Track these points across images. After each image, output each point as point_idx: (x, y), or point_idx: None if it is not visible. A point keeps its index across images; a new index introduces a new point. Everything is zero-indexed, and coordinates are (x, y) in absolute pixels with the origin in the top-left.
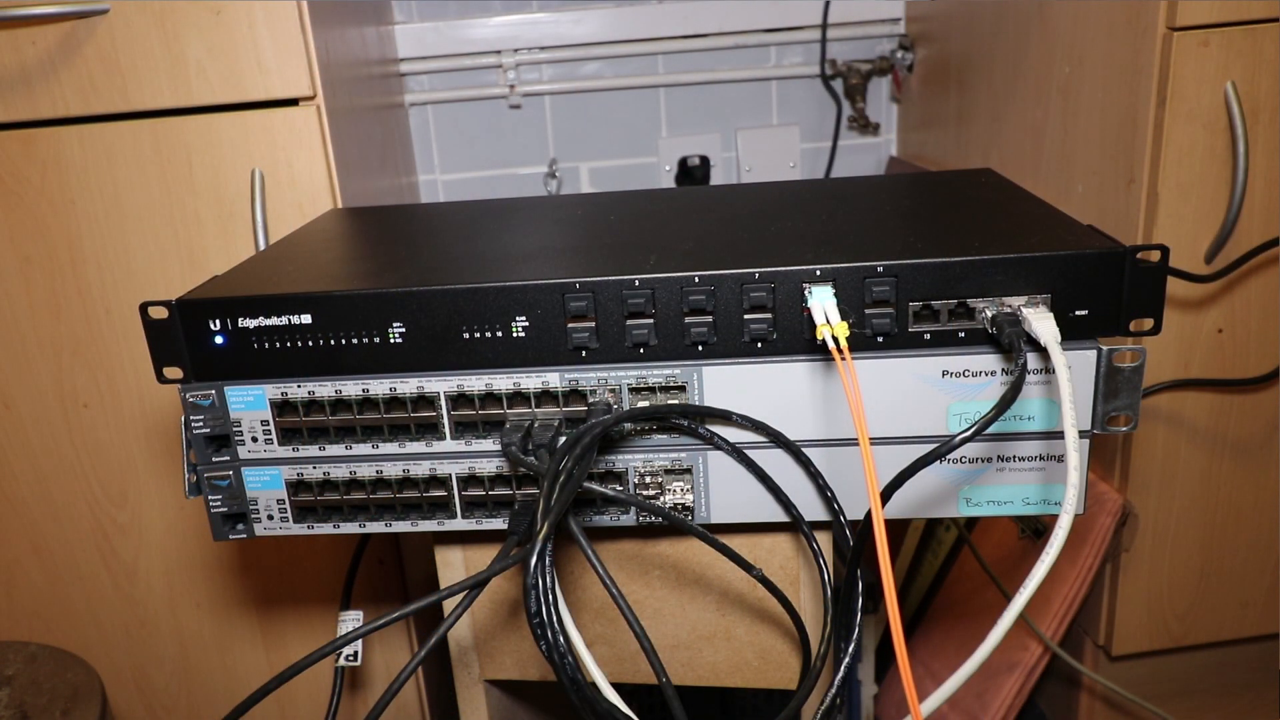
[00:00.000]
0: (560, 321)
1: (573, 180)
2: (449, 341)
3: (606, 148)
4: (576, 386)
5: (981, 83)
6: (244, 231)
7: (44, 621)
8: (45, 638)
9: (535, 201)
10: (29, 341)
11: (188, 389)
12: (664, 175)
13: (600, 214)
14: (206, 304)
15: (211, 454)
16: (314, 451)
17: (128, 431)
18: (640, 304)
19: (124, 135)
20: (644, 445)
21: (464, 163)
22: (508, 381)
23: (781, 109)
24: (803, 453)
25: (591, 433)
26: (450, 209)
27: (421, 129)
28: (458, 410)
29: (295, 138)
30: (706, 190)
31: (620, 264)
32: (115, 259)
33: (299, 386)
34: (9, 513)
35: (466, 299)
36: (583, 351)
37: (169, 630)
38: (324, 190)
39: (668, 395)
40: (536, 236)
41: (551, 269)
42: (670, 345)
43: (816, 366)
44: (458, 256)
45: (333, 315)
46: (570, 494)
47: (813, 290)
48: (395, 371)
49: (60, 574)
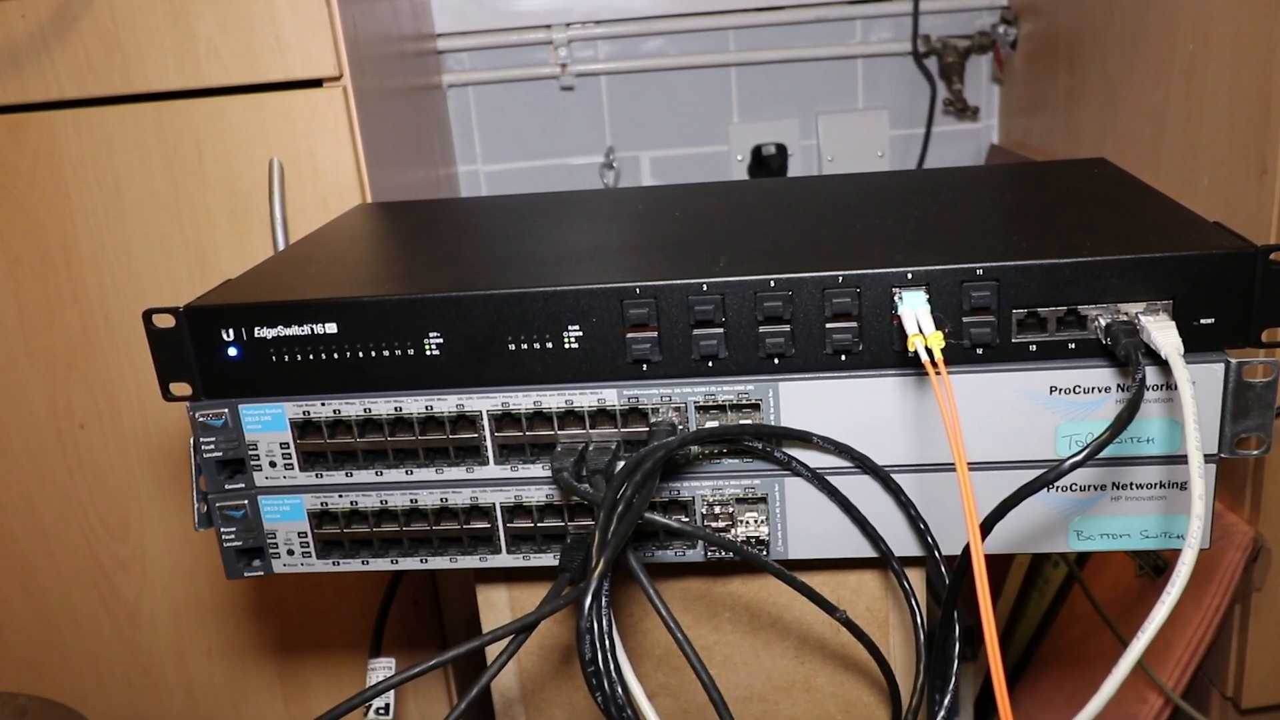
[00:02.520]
0: (618, 331)
1: (632, 172)
2: (492, 353)
3: (670, 135)
4: (637, 404)
5: (1094, 62)
6: (261, 229)
7: (35, 670)
8: (36, 688)
9: (590, 195)
10: (18, 353)
11: (197, 407)
12: (735, 166)
13: (663, 210)
14: (218, 311)
15: (224, 481)
16: (340, 478)
17: (129, 455)
18: (708, 311)
19: (125, 121)
20: (713, 471)
21: (509, 152)
22: (559, 399)
23: (868, 91)
24: (892, 479)
25: (653, 457)
26: (493, 204)
27: (461, 113)
28: (502, 431)
29: (318, 123)
30: (783, 183)
31: (686, 266)
32: (115, 260)
33: (323, 404)
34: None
35: (512, 306)
36: (644, 365)
37: (176, 680)
38: (351, 183)
39: (740, 414)
40: (591, 235)
41: (608, 272)
42: (742, 358)
43: (907, 382)
44: (502, 257)
45: (361, 324)
46: (629, 526)
47: (903, 296)
48: (432, 387)
49: (53, 616)
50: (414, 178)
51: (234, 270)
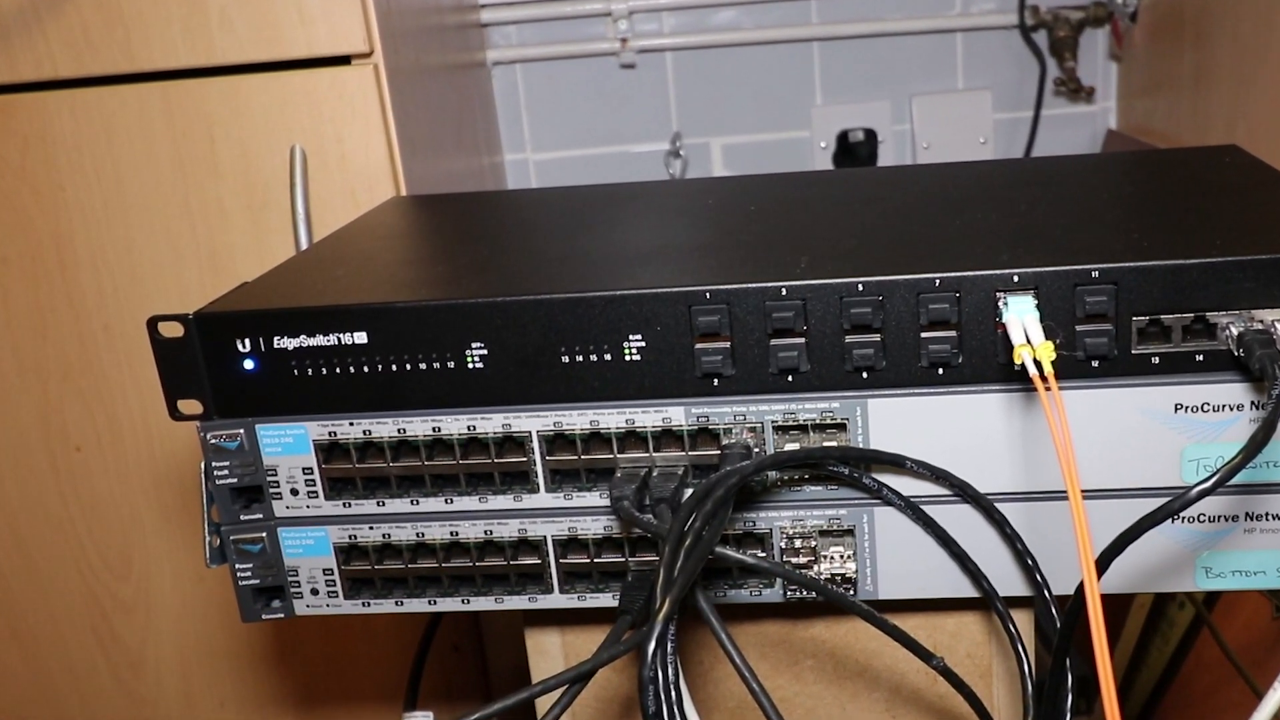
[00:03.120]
0: (686, 341)
1: (701, 160)
2: (543, 367)
3: (744, 119)
4: (707, 424)
5: (1225, 36)
6: (281, 226)
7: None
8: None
9: (653, 188)
10: (6, 367)
11: (209, 428)
12: (818, 154)
13: (736, 203)
14: (233, 318)
15: (239, 511)
16: (370, 508)
17: (131, 482)
18: (788, 318)
19: (127, 103)
20: (793, 499)
21: (562, 138)
22: (619, 418)
23: (969, 69)
24: (996, 509)
25: (726, 484)
26: (545, 197)
27: (508, 95)
28: (554, 455)
29: (346, 106)
30: (873, 173)
31: (762, 267)
32: (116, 261)
33: (351, 424)
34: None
35: (566, 312)
36: (714, 379)
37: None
38: (383, 173)
39: (823, 436)
40: (655, 232)
41: (674, 274)
42: (826, 371)
43: (1013, 399)
44: (554, 258)
45: (395, 333)
46: (698, 562)
47: (1009, 301)
48: (474, 405)
49: (46, 663)
50: (454, 167)
51: (250, 272)
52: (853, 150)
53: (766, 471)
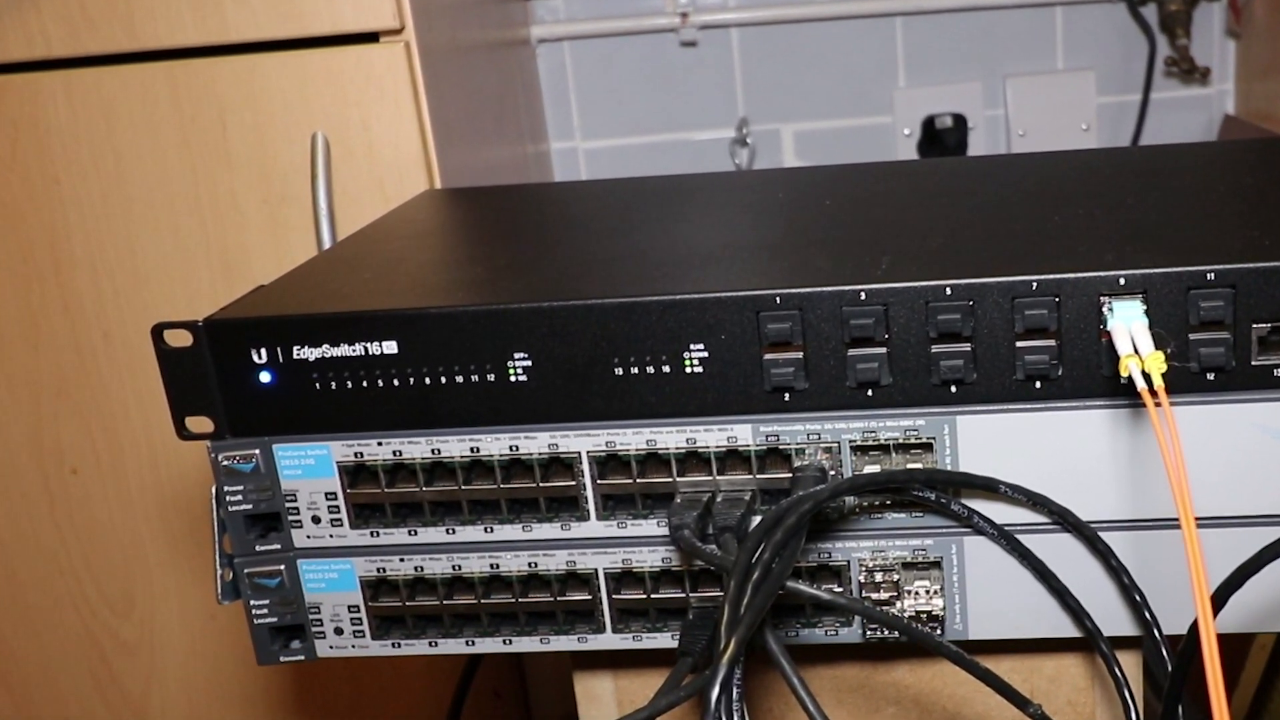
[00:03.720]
0: (753, 351)
1: (771, 149)
2: (594, 379)
3: (819, 103)
4: (776, 444)
5: None
6: (301, 222)
7: None
8: None
9: (717, 180)
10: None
11: (221, 448)
12: (901, 141)
13: (810, 197)
14: (248, 326)
15: (255, 541)
16: (401, 537)
17: (134, 508)
18: (867, 325)
19: (129, 85)
20: (873, 528)
21: (615, 124)
22: (678, 437)
23: (1070, 48)
24: (1100, 539)
25: (798, 511)
26: (596, 190)
27: (555, 76)
28: (607, 478)
29: (375, 88)
30: (962, 163)
31: (839, 268)
32: (117, 261)
33: (380, 444)
34: None
35: (620, 319)
36: (785, 394)
37: None
38: (415, 163)
39: (907, 457)
40: (719, 230)
41: (741, 276)
42: (911, 385)
43: (1119, 415)
44: (606, 258)
45: (428, 342)
46: (768, 598)
47: (1114, 306)
48: (517, 423)
49: (39, 710)
50: (495, 157)
51: (267, 274)
52: (940, 138)
53: (843, 497)
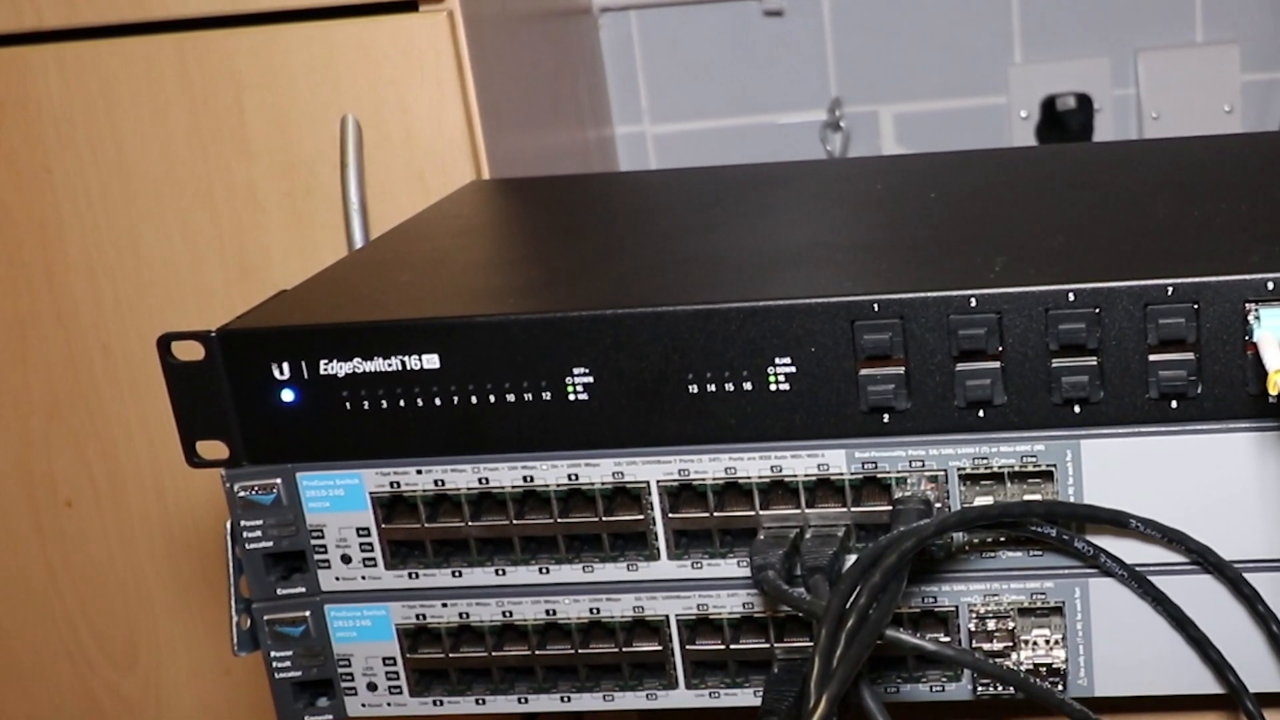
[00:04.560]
0: (847, 366)
1: (868, 133)
2: (665, 398)
3: (923, 81)
4: (874, 472)
5: None
6: (329, 218)
7: None
8: None
9: (806, 169)
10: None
11: (237, 476)
12: (1017, 125)
13: (912, 189)
14: (268, 336)
15: (276, 583)
16: (444, 579)
17: (137, 546)
18: (979, 336)
19: (133, 61)
20: (985, 569)
21: (689, 106)
22: (761, 464)
23: (1210, 18)
24: (1245, 581)
25: (899, 548)
26: (667, 181)
27: (620, 51)
28: (680, 511)
29: (414, 64)
30: (1087, 150)
31: (946, 271)
32: (118, 262)
33: (419, 472)
34: None
35: (694, 328)
36: (884, 415)
37: None
38: (460, 150)
39: (1024, 487)
40: (808, 226)
41: (833, 279)
42: (1028, 404)
43: (1266, 439)
44: (680, 259)
45: (475, 355)
46: (864, 648)
47: (1262, 314)
48: (577, 448)
49: None
50: (551, 143)
51: (290, 277)
52: (1061, 121)
53: (951, 533)
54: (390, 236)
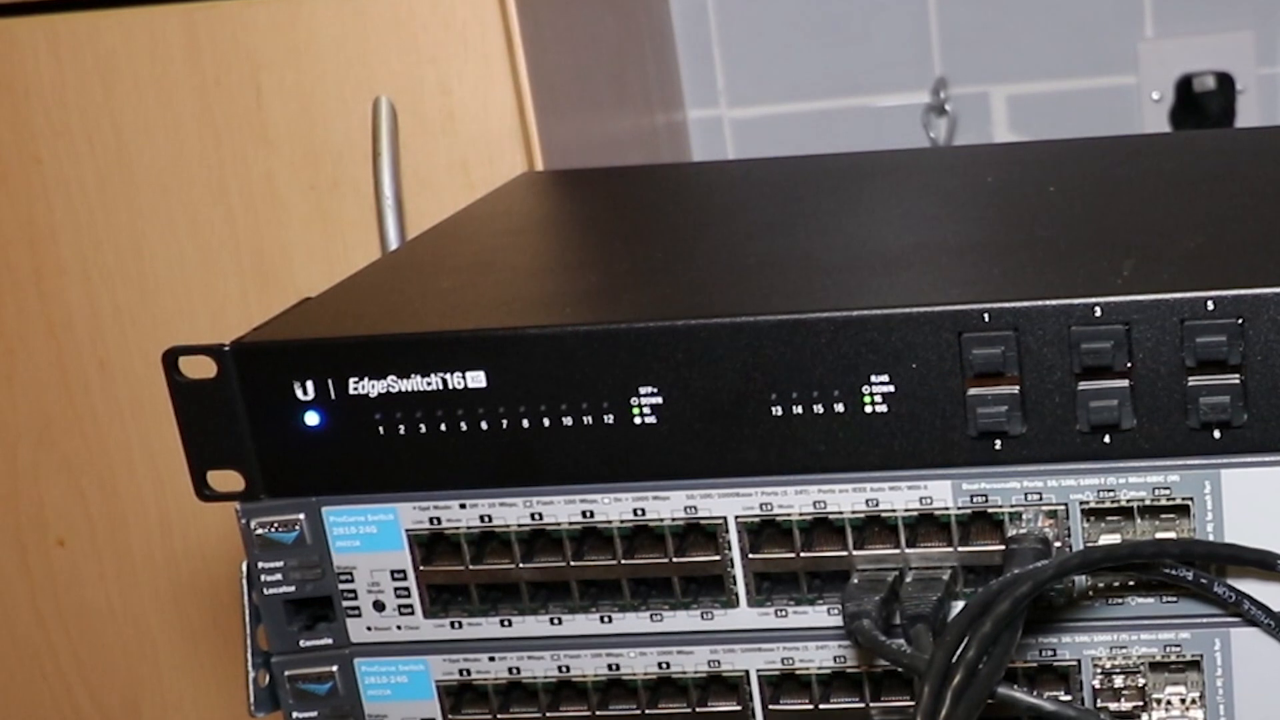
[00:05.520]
0: (954, 384)
1: (977, 117)
2: (744, 422)
3: (1040, 58)
4: (984, 507)
5: None
6: (359, 215)
7: None
8: None
9: (906, 159)
10: None
11: (254, 511)
12: (1148, 108)
13: (1028, 181)
14: (290, 351)
15: (298, 634)
16: (492, 629)
17: (140, 591)
18: (1104, 350)
19: (134, 35)
20: (1111, 617)
21: (772, 87)
22: (855, 496)
23: None
24: None
25: (1013, 594)
26: (745, 173)
27: (694, 25)
28: (762, 551)
29: (456, 39)
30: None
31: (1067, 276)
32: (118, 266)
33: (463, 507)
34: None
35: (777, 342)
36: (996, 441)
37: None
38: (509, 137)
39: (1156, 524)
40: (909, 225)
41: (937, 285)
42: (1160, 429)
43: None
44: (760, 262)
45: (527, 373)
46: (974, 708)
47: None
48: (643, 478)
49: None
50: (613, 129)
51: (315, 283)
52: (1199, 104)
53: (1072, 576)
54: (429, 236)
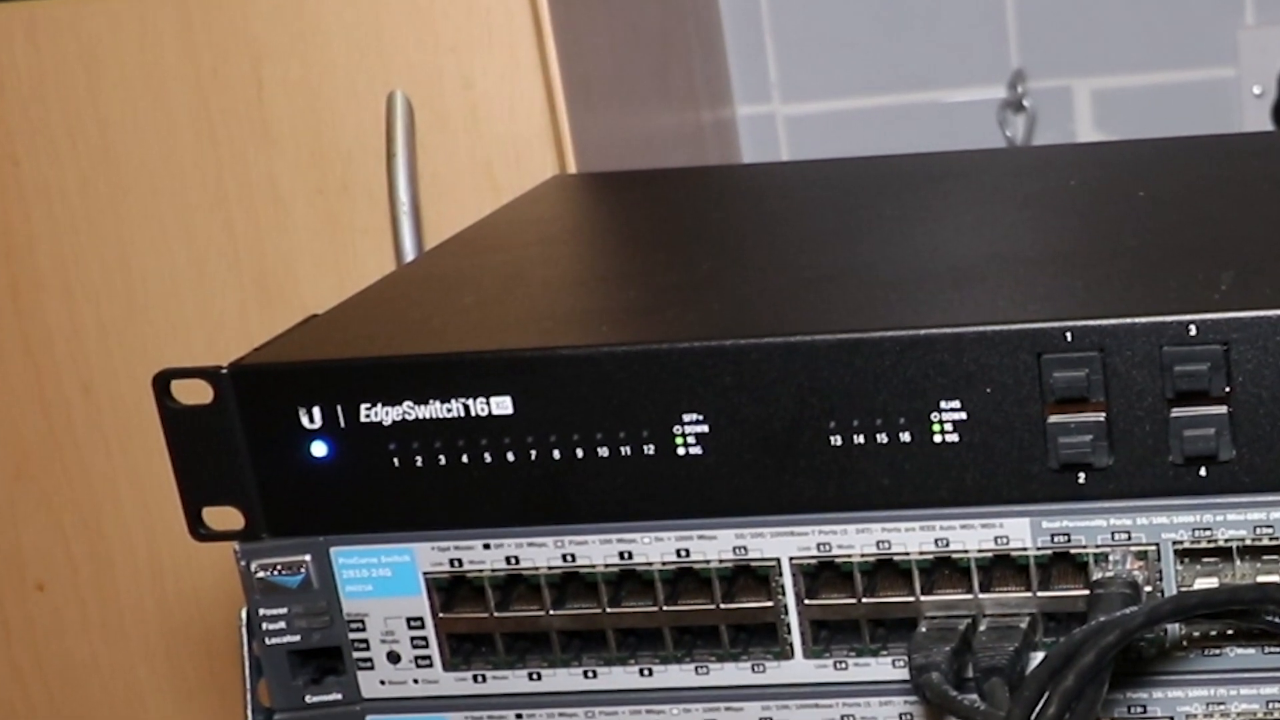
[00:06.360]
0: (1033, 410)
1: (1058, 113)
2: (799, 453)
3: (1128, 50)
4: (1066, 547)
5: None
6: (371, 222)
7: None
8: None
9: (980, 160)
10: None
11: (255, 552)
12: (1249, 104)
13: (1115, 185)
14: (295, 374)
15: (305, 688)
16: (520, 683)
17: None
18: (1200, 374)
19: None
20: (1208, 670)
21: (831, 81)
22: (923, 536)
23: None
24: None
25: (1099, 644)
26: (802, 175)
27: (744, 13)
28: (819, 597)
29: (480, 28)
30: None
31: (1158, 290)
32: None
33: (487, 547)
34: None
35: (838, 364)
36: (1079, 474)
37: None
38: (539, 136)
39: (1258, 565)
40: (982, 233)
41: (1014, 301)
42: (1263, 460)
43: None
44: (818, 275)
45: (558, 398)
46: None
47: None
48: (688, 515)
49: None
50: (655, 126)
51: (322, 299)
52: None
53: (1164, 624)
54: (450, 246)
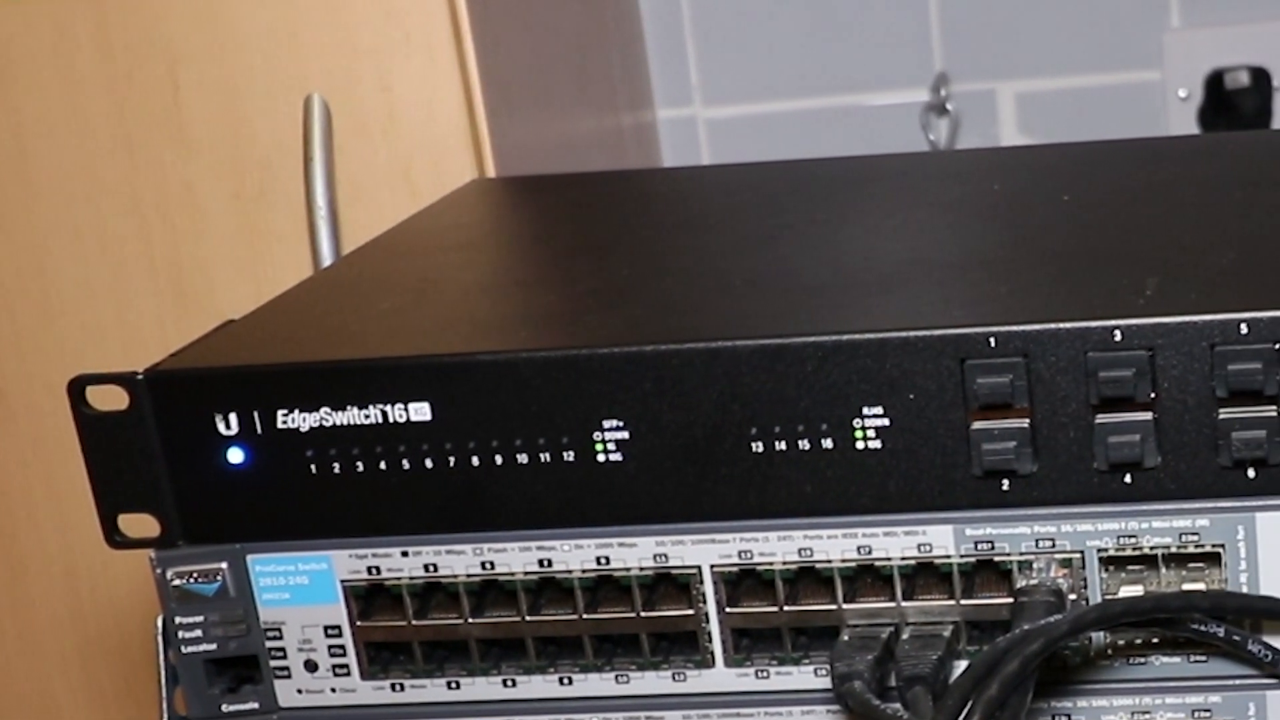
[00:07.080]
0: (956, 417)
1: (982, 116)
2: (721, 460)
3: (1052, 52)
4: (990, 555)
5: None
6: (289, 227)
7: None
8: None
9: (903, 164)
10: None
11: (171, 560)
12: (1174, 106)
13: (1039, 189)
14: (211, 380)
15: (221, 697)
16: (439, 692)
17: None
18: (1123, 379)
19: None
20: (1133, 678)
21: (753, 84)
22: (845, 543)
23: None
24: None
25: (1023, 653)
26: (723, 180)
27: (665, 14)
28: (741, 605)
29: (397, 30)
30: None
31: (1083, 296)
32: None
33: (405, 554)
34: None
35: (758, 369)
36: (1003, 481)
37: None
38: (457, 139)
39: (1182, 573)
40: (906, 238)
41: (937, 306)
42: (1187, 468)
43: None
44: (740, 280)
45: (476, 405)
46: None
47: None
48: (609, 523)
49: None
50: (574, 130)
51: (239, 304)
52: (1231, 102)
53: (1089, 632)
54: (367, 251)
